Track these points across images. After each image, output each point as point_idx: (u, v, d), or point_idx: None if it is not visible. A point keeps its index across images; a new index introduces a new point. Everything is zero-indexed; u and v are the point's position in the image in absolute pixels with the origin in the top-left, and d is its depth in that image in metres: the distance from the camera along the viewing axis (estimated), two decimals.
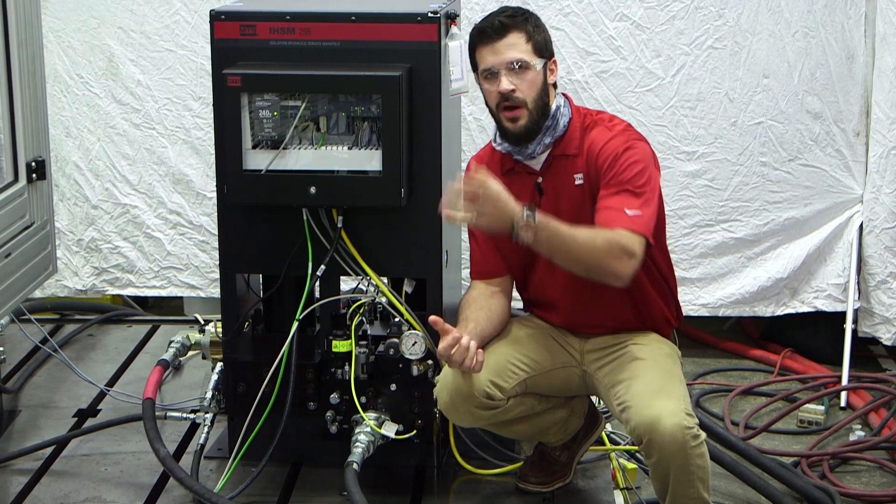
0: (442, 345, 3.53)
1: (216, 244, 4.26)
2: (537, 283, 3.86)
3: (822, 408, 5.51)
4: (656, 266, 3.80)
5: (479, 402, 3.68)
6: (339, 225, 3.89)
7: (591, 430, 4.03)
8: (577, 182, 3.71)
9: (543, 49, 3.70)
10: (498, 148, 3.79)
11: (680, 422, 3.50)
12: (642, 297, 3.79)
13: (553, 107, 3.72)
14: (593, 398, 4.07)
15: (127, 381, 4.85)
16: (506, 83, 3.64)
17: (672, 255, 4.04)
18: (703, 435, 3.56)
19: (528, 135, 3.69)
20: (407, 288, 4.01)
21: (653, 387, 3.61)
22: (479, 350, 3.59)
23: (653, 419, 3.50)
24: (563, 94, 3.80)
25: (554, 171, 3.74)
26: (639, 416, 3.54)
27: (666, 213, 3.90)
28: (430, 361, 3.94)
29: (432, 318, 3.57)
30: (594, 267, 3.54)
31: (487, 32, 3.68)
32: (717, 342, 6.25)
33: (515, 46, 3.65)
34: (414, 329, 3.90)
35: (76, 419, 4.53)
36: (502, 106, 3.67)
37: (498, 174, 3.79)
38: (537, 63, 3.66)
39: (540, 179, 3.75)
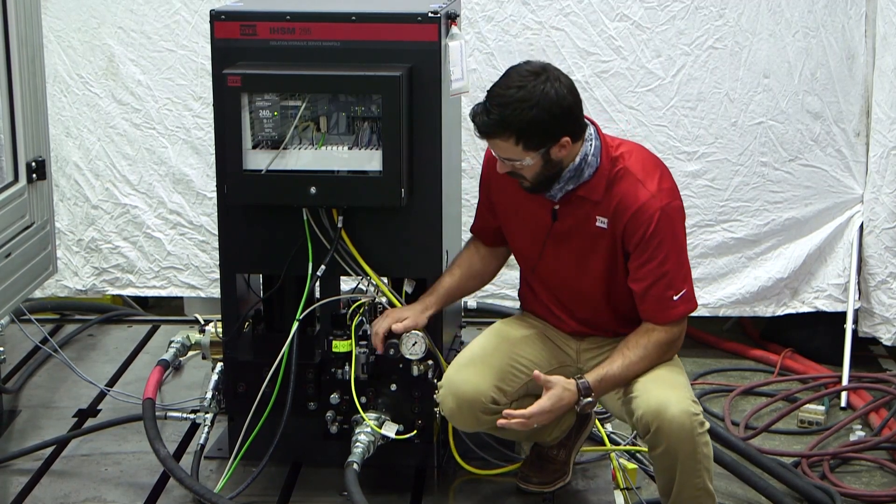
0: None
1: (216, 244, 4.26)
2: (540, 297, 3.87)
3: (822, 408, 5.51)
4: None
5: (484, 408, 3.70)
6: (340, 225, 3.89)
7: (583, 426, 4.04)
8: (598, 224, 3.68)
9: (541, 141, 3.53)
10: None
11: (687, 408, 3.52)
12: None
13: (577, 160, 3.61)
14: None
15: (127, 381, 4.85)
16: (501, 167, 3.62)
17: None
18: (708, 424, 3.60)
19: (538, 191, 3.67)
20: (407, 288, 4.01)
21: (657, 377, 3.64)
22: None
23: (660, 406, 3.52)
24: (594, 127, 3.67)
25: (573, 206, 3.70)
26: (646, 404, 3.55)
27: None
28: (430, 362, 3.94)
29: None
30: (652, 367, 3.70)
31: (476, 125, 3.57)
32: (718, 342, 6.25)
33: (504, 149, 3.57)
34: (414, 329, 3.90)
35: (76, 419, 4.53)
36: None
37: (517, 183, 3.76)
38: (529, 158, 3.56)
39: (556, 207, 3.74)
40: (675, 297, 3.65)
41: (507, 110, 3.49)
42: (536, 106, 3.48)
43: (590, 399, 3.63)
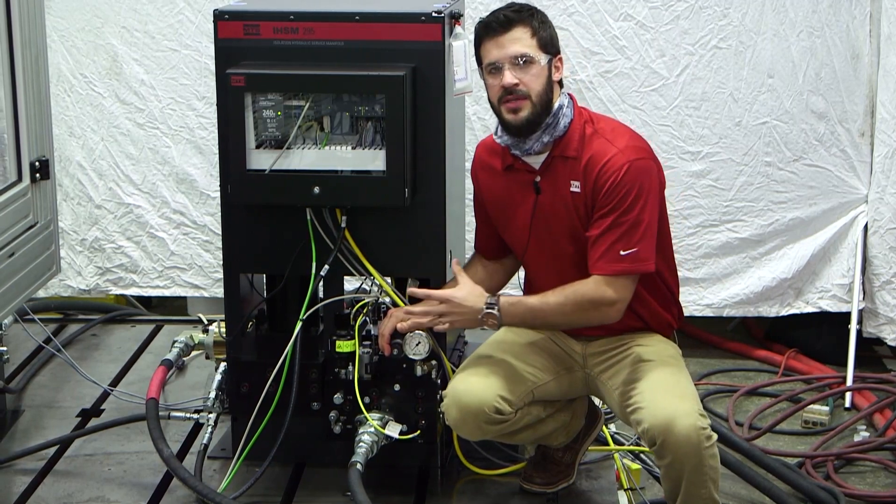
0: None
1: (220, 244, 4.25)
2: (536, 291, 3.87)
3: (826, 408, 5.51)
4: (658, 274, 3.79)
5: (488, 418, 3.69)
6: (343, 225, 3.88)
7: (591, 428, 4.04)
8: (572, 188, 3.70)
9: (549, 45, 3.69)
10: (498, 140, 3.79)
11: (695, 422, 3.50)
12: (641, 304, 3.79)
13: (556, 105, 3.70)
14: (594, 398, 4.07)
15: (130, 380, 4.85)
16: (509, 77, 3.64)
17: (676, 255, 4.04)
18: (716, 436, 3.58)
19: (529, 127, 3.68)
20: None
21: (665, 387, 3.62)
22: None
23: (668, 420, 3.50)
24: (568, 94, 3.79)
25: (552, 172, 3.74)
26: (653, 417, 3.54)
27: (670, 213, 3.89)
28: (433, 362, 3.93)
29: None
30: (574, 324, 3.75)
31: (492, 26, 3.68)
32: (722, 342, 6.25)
33: (520, 41, 3.65)
34: (418, 329, 3.90)
35: (80, 419, 4.53)
36: (504, 99, 3.66)
37: (498, 168, 3.80)
38: (542, 58, 3.66)
39: (538, 178, 3.75)
40: (622, 252, 3.61)
41: (524, 6, 3.71)
42: (541, 13, 3.73)
43: (493, 312, 3.66)
